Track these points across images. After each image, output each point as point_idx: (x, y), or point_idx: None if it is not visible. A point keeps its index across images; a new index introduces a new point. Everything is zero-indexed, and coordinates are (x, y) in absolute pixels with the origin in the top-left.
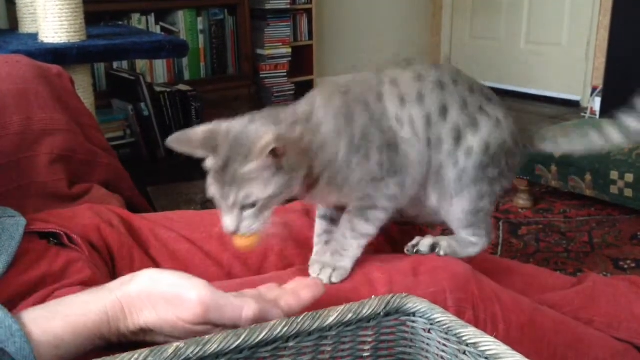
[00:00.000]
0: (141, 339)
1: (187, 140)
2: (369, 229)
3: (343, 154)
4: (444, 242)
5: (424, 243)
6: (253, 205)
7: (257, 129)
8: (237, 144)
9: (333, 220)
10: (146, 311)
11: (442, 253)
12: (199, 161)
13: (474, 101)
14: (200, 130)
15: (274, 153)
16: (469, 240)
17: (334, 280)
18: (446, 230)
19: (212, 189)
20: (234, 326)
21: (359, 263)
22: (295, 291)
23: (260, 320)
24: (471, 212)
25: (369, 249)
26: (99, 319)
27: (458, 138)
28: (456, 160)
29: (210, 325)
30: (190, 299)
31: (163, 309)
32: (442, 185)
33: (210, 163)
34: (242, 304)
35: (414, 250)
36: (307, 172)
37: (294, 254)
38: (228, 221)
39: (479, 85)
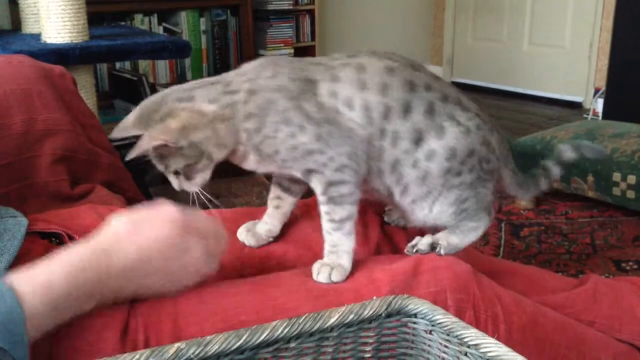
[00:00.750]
0: (130, 281)
1: (123, 124)
2: (342, 211)
3: (271, 124)
4: (444, 241)
5: (423, 242)
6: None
7: (164, 111)
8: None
9: (287, 188)
10: (134, 239)
11: (442, 252)
12: None
13: (444, 109)
14: (134, 110)
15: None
16: (469, 226)
17: (334, 279)
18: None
19: None
20: (205, 230)
21: (360, 263)
22: None
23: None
24: (456, 212)
25: (369, 250)
26: (80, 269)
27: (418, 140)
28: (415, 160)
29: (188, 230)
30: (168, 210)
31: (149, 228)
32: (404, 183)
33: None
34: (204, 215)
35: (414, 251)
36: (235, 140)
37: (295, 257)
38: (172, 182)
39: (456, 95)
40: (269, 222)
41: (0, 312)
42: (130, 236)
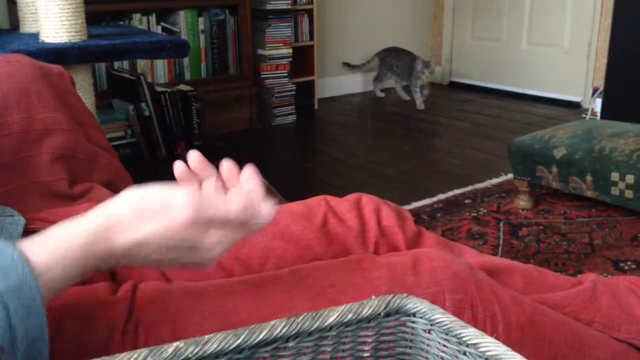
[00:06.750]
0: (132, 260)
1: None
2: None
3: None
4: None
5: None
6: None
7: None
8: None
9: None
10: (141, 225)
11: None
12: None
13: None
14: None
15: None
16: None
17: None
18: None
19: None
20: (227, 221)
21: (358, 262)
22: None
23: (250, 210)
24: None
25: (367, 250)
26: (93, 238)
27: None
28: None
29: (202, 227)
30: (180, 204)
31: (156, 219)
32: None
33: None
34: (227, 200)
35: None
36: None
37: (295, 257)
38: None
39: None
40: None
41: (14, 284)
42: (137, 220)
